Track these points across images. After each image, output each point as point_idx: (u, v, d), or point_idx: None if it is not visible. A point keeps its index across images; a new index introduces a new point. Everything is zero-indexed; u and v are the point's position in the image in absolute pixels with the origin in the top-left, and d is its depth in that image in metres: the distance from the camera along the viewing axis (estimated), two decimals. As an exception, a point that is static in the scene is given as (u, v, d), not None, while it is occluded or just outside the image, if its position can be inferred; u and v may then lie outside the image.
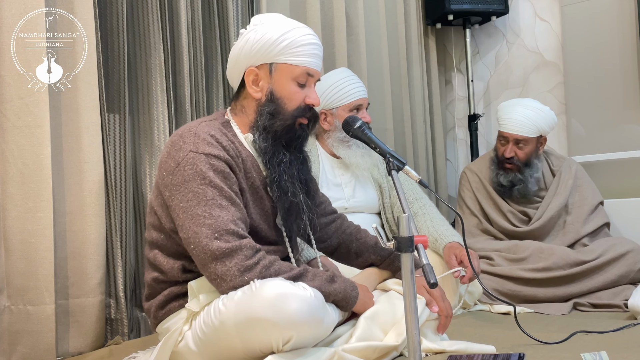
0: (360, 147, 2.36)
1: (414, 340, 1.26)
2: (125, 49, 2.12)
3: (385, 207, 2.48)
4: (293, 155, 1.65)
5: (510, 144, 2.70)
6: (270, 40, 1.60)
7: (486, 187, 2.82)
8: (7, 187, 1.81)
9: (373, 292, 1.71)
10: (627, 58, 3.13)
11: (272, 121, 1.62)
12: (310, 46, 1.63)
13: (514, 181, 2.70)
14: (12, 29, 1.82)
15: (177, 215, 1.51)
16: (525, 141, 2.67)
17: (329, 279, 1.54)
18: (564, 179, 2.73)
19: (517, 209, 2.75)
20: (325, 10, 2.87)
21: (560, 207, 2.68)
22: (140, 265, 2.20)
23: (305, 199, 1.66)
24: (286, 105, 1.62)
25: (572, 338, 1.79)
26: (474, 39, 3.66)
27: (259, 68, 1.63)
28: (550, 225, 2.68)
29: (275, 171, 1.61)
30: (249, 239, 1.50)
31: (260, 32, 1.61)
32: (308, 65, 1.63)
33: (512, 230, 2.71)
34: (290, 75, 1.62)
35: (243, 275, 1.44)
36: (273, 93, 1.62)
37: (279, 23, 1.63)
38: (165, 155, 1.58)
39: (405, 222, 1.28)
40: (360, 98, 2.37)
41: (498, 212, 2.77)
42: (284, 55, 1.61)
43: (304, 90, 1.65)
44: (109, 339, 2.02)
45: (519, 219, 2.74)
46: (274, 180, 1.61)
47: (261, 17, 1.66)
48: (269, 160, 1.61)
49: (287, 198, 1.61)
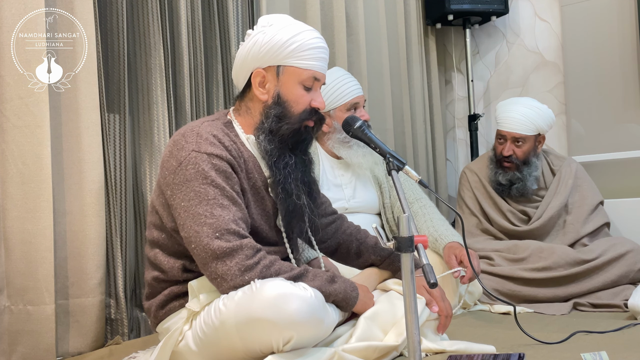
0: (361, 147, 2.36)
1: (414, 340, 1.26)
2: (125, 49, 2.12)
3: (385, 207, 2.48)
4: (298, 158, 1.66)
5: (508, 142, 2.70)
6: (279, 43, 1.60)
7: (485, 186, 2.82)
8: (7, 187, 1.81)
9: (373, 292, 1.71)
10: (627, 58, 3.13)
11: (279, 124, 1.62)
12: (318, 50, 1.63)
13: (513, 180, 2.70)
14: (12, 29, 1.82)
15: (178, 215, 1.51)
16: (523, 139, 2.68)
17: (330, 279, 1.54)
18: (564, 179, 2.73)
19: (516, 208, 2.75)
20: (325, 10, 2.87)
21: (561, 207, 2.68)
22: (140, 265, 2.20)
23: (308, 201, 1.66)
24: (292, 109, 1.63)
25: (572, 338, 1.79)
26: (474, 39, 3.66)
27: (266, 70, 1.63)
28: (551, 224, 2.68)
29: (281, 173, 1.61)
30: (250, 238, 1.50)
31: (269, 34, 1.61)
32: (315, 69, 1.64)
33: (512, 230, 2.71)
34: (297, 78, 1.62)
35: (244, 275, 1.44)
36: (280, 96, 1.62)
37: (287, 25, 1.62)
38: (167, 154, 1.58)
39: (405, 222, 1.28)
40: (356, 96, 2.35)
41: (498, 212, 2.77)
42: (292, 59, 1.61)
43: (310, 94, 1.65)
44: (109, 339, 2.02)
45: (518, 219, 2.74)
46: (278, 183, 1.61)
47: (269, 19, 1.66)
48: (275, 162, 1.61)
49: (291, 200, 1.62)
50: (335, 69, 2.50)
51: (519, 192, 2.71)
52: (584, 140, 3.25)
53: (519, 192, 2.71)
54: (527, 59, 3.52)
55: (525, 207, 2.75)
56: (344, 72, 2.43)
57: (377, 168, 2.48)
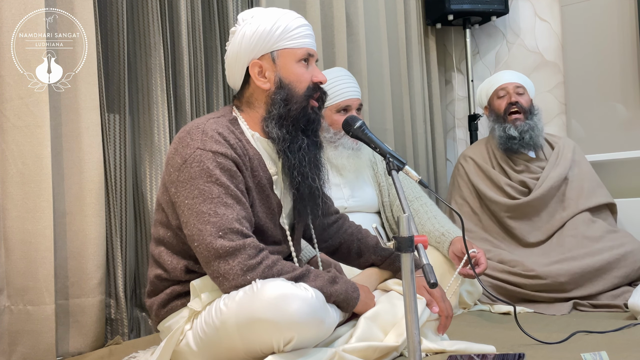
0: (346, 149, 2.35)
1: (414, 340, 1.26)
2: (125, 49, 2.12)
3: (384, 206, 2.48)
4: (310, 140, 1.66)
5: (511, 92, 2.75)
6: (266, 29, 1.62)
7: (482, 167, 2.81)
8: (7, 187, 1.81)
9: (374, 292, 1.71)
10: (627, 58, 3.13)
11: (287, 107, 1.63)
12: (303, 27, 1.66)
13: (524, 130, 2.70)
14: (12, 29, 1.82)
15: (182, 212, 1.51)
16: (523, 89, 2.76)
17: (331, 280, 1.54)
18: (564, 152, 2.74)
19: (516, 179, 2.73)
20: (325, 10, 2.87)
21: (560, 178, 2.67)
22: (140, 265, 2.20)
23: (320, 185, 1.68)
24: (296, 88, 1.64)
25: (572, 338, 1.79)
26: (474, 39, 3.65)
27: (261, 59, 1.64)
28: (550, 195, 2.66)
29: (296, 157, 1.62)
30: (253, 238, 1.50)
31: (255, 24, 1.63)
32: (307, 45, 1.66)
33: (512, 205, 2.68)
34: (293, 58, 1.64)
35: (245, 275, 1.44)
36: (282, 80, 1.63)
37: (268, 12, 1.65)
38: (172, 151, 1.58)
39: (405, 222, 1.28)
40: (348, 99, 2.34)
41: (496, 189, 2.74)
42: (282, 41, 1.63)
43: (310, 70, 1.67)
44: (109, 339, 2.02)
45: (518, 191, 2.72)
46: (294, 167, 1.62)
47: (248, 12, 1.68)
48: (289, 147, 1.62)
49: (307, 183, 1.63)
50: (336, 68, 2.49)
51: (532, 140, 2.70)
52: (584, 141, 3.25)
53: (532, 141, 2.70)
54: (527, 59, 3.52)
55: (525, 178, 2.73)
56: (343, 73, 2.41)
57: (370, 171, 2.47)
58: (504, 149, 2.75)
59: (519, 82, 2.77)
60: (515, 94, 2.74)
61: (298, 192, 1.65)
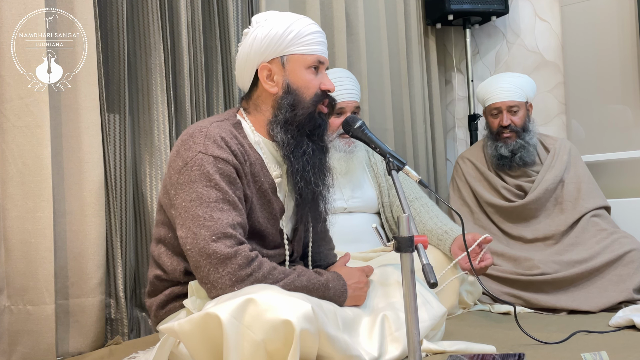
0: (337, 151, 2.34)
1: (414, 340, 1.26)
2: (125, 49, 2.12)
3: (384, 206, 2.48)
4: (315, 145, 1.66)
5: (503, 112, 2.72)
6: (277, 33, 1.61)
7: (479, 168, 2.82)
8: (7, 187, 1.81)
9: (355, 264, 1.74)
10: (627, 58, 3.13)
11: (294, 112, 1.63)
12: (316, 34, 1.66)
13: (515, 149, 2.70)
14: (12, 29, 1.81)
15: (179, 214, 1.51)
16: (517, 107, 2.71)
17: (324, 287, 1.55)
18: (559, 154, 2.74)
19: (512, 184, 2.74)
20: (325, 10, 2.87)
21: (555, 180, 2.67)
22: (140, 265, 2.20)
23: (324, 191, 1.68)
24: (304, 95, 1.64)
25: (572, 338, 1.79)
26: (474, 39, 3.66)
27: (270, 63, 1.64)
28: (545, 197, 2.67)
29: (299, 162, 1.62)
30: (246, 244, 1.50)
31: (267, 28, 1.63)
32: (318, 52, 1.66)
33: (507, 207, 2.69)
34: (303, 64, 1.64)
35: (233, 287, 1.44)
36: (289, 85, 1.64)
37: (282, 17, 1.65)
38: (174, 153, 1.58)
39: (405, 222, 1.28)
40: (341, 101, 2.32)
41: (492, 191, 2.75)
42: (293, 46, 1.63)
43: (318, 77, 1.66)
44: (109, 339, 2.02)
45: (514, 194, 2.73)
46: (296, 172, 1.62)
47: (263, 15, 1.69)
48: (292, 152, 1.62)
49: (310, 188, 1.63)
50: (336, 69, 2.49)
51: (522, 160, 2.70)
52: (584, 141, 3.25)
53: (522, 161, 2.70)
54: (527, 59, 3.52)
55: (521, 182, 2.73)
56: (341, 74, 2.40)
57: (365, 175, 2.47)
58: (495, 166, 2.77)
59: (513, 98, 2.69)
60: (508, 115, 2.71)
61: (301, 197, 1.65)
